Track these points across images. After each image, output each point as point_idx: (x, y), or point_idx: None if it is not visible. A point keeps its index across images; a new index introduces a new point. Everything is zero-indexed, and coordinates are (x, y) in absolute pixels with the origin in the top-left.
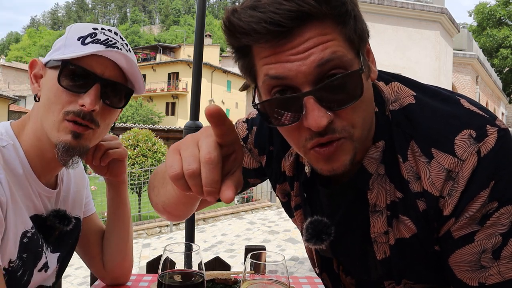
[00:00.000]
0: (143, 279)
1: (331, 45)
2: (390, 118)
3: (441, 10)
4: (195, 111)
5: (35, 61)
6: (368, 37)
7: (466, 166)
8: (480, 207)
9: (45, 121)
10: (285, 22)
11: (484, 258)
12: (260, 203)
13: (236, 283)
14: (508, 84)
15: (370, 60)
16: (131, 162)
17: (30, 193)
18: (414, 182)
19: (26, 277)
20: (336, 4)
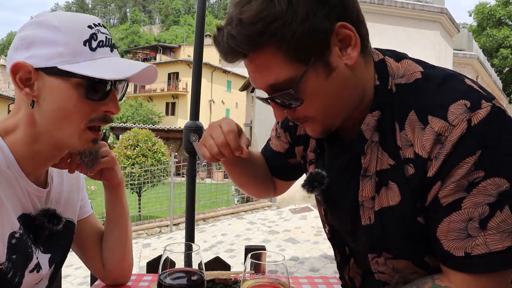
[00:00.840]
0: (143, 279)
1: (272, 72)
2: (393, 90)
3: (441, 10)
4: (195, 111)
5: (20, 64)
6: (329, 38)
7: (455, 131)
8: (466, 173)
9: (59, 130)
10: (229, 57)
11: (471, 226)
12: (260, 203)
13: (236, 283)
14: (508, 84)
15: (343, 50)
16: (131, 162)
17: (17, 192)
18: (406, 149)
19: (17, 278)
20: (254, 42)
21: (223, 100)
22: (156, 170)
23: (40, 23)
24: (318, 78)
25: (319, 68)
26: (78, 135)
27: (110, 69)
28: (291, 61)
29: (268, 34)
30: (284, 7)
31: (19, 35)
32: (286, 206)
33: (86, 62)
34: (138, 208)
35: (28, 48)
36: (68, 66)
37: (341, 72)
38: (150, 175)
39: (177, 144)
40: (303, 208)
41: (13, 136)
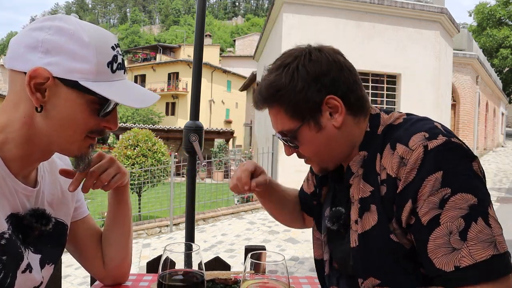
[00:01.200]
0: (143, 279)
1: (279, 122)
2: (380, 133)
3: (441, 10)
4: (195, 111)
5: (41, 70)
6: (320, 106)
7: (413, 154)
8: (432, 191)
9: (60, 136)
10: (256, 106)
11: (453, 239)
12: (260, 203)
13: (237, 283)
14: (508, 84)
15: (332, 115)
16: (131, 162)
17: (4, 192)
18: (382, 173)
19: (9, 279)
20: (267, 101)
21: (223, 100)
22: (156, 170)
23: (66, 31)
24: (310, 132)
25: (311, 125)
26: (77, 142)
27: (130, 95)
28: (291, 117)
29: (275, 97)
30: (287, 82)
31: (36, 35)
32: None
33: (106, 83)
34: (138, 208)
35: (48, 53)
36: (89, 84)
37: (329, 130)
38: (150, 175)
39: (177, 144)
40: None
41: (2, 135)
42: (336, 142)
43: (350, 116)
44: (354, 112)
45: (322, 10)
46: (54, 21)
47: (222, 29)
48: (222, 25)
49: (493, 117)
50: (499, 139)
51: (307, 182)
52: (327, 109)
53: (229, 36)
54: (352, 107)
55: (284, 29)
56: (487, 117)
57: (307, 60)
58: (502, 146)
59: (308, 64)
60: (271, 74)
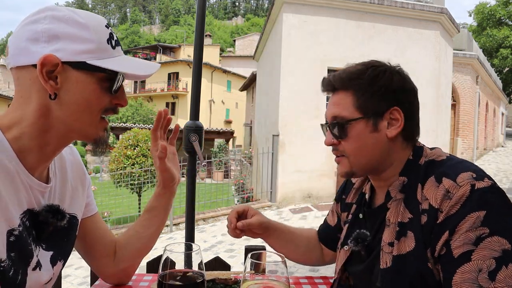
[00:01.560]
0: (143, 279)
1: (341, 108)
2: (423, 164)
3: (441, 10)
4: (195, 111)
5: (50, 57)
6: (385, 111)
7: (460, 190)
8: (471, 227)
9: (77, 120)
10: (324, 87)
11: (481, 278)
12: (260, 203)
13: (237, 283)
14: (508, 84)
15: (391, 122)
16: (131, 162)
17: (19, 188)
18: (424, 203)
19: (19, 276)
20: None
21: (223, 100)
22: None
23: (61, 18)
24: (364, 128)
25: (369, 123)
26: (95, 124)
27: (135, 66)
28: (356, 107)
29: (353, 83)
30: (370, 77)
31: (33, 28)
32: (286, 206)
33: (110, 59)
34: (138, 208)
35: (51, 42)
36: (96, 61)
37: (381, 136)
38: (150, 175)
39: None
40: (303, 208)
41: (17, 129)
42: (380, 150)
43: (402, 137)
44: (406, 134)
45: (322, 10)
46: (46, 11)
47: (222, 29)
48: (222, 25)
49: (493, 117)
50: (499, 139)
51: (331, 214)
52: (389, 118)
53: (229, 36)
54: (407, 130)
55: (284, 29)
56: (487, 117)
57: (396, 72)
58: (502, 146)
59: (395, 74)
60: (358, 66)
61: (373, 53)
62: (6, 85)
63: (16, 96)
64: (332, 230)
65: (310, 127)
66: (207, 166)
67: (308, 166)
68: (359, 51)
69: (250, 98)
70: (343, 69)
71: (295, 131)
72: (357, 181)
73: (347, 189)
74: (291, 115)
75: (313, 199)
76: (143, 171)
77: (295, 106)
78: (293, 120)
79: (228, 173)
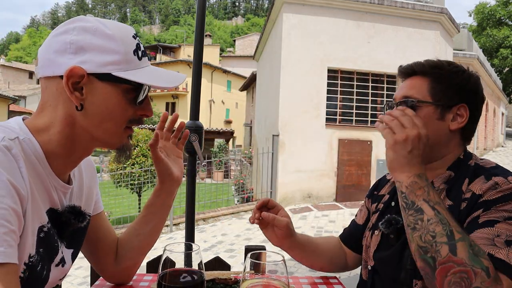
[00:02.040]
0: (143, 279)
1: (415, 90)
2: (472, 164)
3: (441, 10)
4: (195, 111)
5: (76, 69)
6: (454, 105)
7: (510, 185)
8: (507, 209)
9: (102, 131)
10: (404, 70)
11: (498, 240)
12: None
13: (237, 283)
14: (508, 84)
15: (456, 117)
16: (131, 162)
17: (48, 186)
18: (467, 193)
19: (45, 271)
20: (425, 68)
21: (223, 100)
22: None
23: (88, 29)
24: (430, 115)
25: (437, 110)
26: (119, 134)
27: (161, 78)
28: (429, 93)
29: (434, 71)
30: (451, 71)
31: (62, 39)
32: (286, 206)
33: (135, 70)
34: (138, 208)
35: (77, 53)
36: (121, 73)
37: (443, 126)
38: (150, 175)
39: None
40: (303, 208)
41: (46, 135)
42: (439, 139)
43: (460, 134)
44: (465, 133)
45: (322, 10)
46: (75, 22)
47: (222, 29)
48: (222, 25)
49: (493, 117)
50: (499, 139)
51: (360, 212)
52: (455, 113)
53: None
54: (467, 130)
55: (284, 29)
56: (487, 117)
57: (474, 76)
58: (502, 146)
59: (472, 76)
60: (441, 60)
61: (373, 53)
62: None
63: (44, 103)
64: (361, 229)
65: (310, 127)
66: (207, 166)
67: (308, 166)
68: (359, 51)
69: (250, 98)
70: (428, 60)
71: (295, 131)
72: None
73: (381, 185)
74: (291, 115)
75: (313, 199)
76: (143, 171)
77: (295, 106)
78: (293, 120)
79: (228, 173)
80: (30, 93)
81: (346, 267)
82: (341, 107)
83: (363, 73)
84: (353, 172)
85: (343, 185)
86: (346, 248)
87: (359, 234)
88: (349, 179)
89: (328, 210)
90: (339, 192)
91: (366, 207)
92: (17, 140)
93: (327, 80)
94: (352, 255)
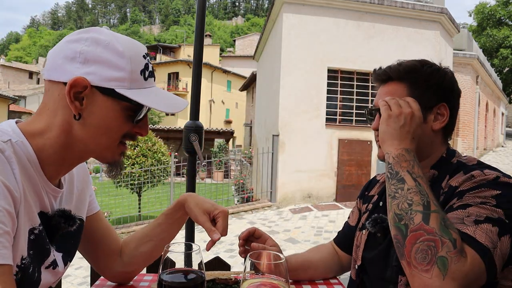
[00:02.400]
0: (143, 279)
1: (391, 96)
2: (454, 162)
3: (441, 10)
4: (195, 111)
5: (81, 79)
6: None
7: (484, 176)
8: (481, 196)
9: (96, 143)
10: (379, 77)
11: (467, 220)
12: (260, 203)
13: (237, 283)
14: (508, 84)
15: (437, 117)
16: (131, 162)
17: (39, 190)
18: (445, 187)
19: (36, 273)
20: (400, 74)
21: (223, 100)
22: (156, 170)
23: (101, 42)
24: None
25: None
26: (112, 148)
27: (162, 101)
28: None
29: (409, 75)
30: (426, 72)
31: (73, 46)
32: (286, 206)
33: (139, 89)
34: (138, 208)
35: (85, 64)
36: (124, 91)
37: (427, 128)
38: (150, 175)
39: (177, 144)
40: (303, 208)
41: (41, 139)
42: (422, 140)
43: (442, 132)
44: (447, 131)
45: (322, 10)
46: (89, 33)
47: (222, 29)
48: (222, 25)
49: (493, 117)
50: (499, 139)
51: (352, 214)
52: (436, 113)
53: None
54: (449, 127)
55: (284, 29)
56: (487, 117)
57: (448, 72)
58: (502, 146)
59: (447, 74)
60: (412, 61)
61: (373, 53)
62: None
63: (44, 106)
64: (354, 231)
65: (310, 127)
66: (207, 166)
67: (308, 166)
68: (359, 51)
69: (250, 98)
70: (398, 62)
71: (295, 131)
72: (383, 177)
73: (371, 186)
74: (291, 115)
75: (313, 199)
76: (143, 171)
77: (295, 106)
78: (293, 120)
79: (228, 173)
80: (30, 93)
81: (343, 270)
82: (341, 107)
83: (363, 73)
84: (353, 172)
85: (343, 185)
86: (341, 251)
87: (352, 236)
88: (349, 179)
89: (328, 210)
90: (339, 192)
91: (358, 208)
92: (9, 143)
93: (327, 80)
94: (348, 258)
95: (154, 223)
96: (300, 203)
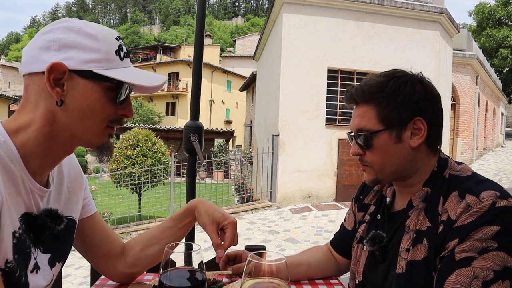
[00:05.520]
0: (143, 279)
1: (364, 120)
2: (446, 177)
3: (441, 10)
4: (195, 111)
5: (58, 64)
6: (408, 122)
7: (481, 205)
8: (481, 238)
9: (81, 128)
10: (348, 100)
11: (475, 284)
12: (260, 203)
13: (215, 283)
14: (508, 84)
15: (413, 135)
16: (131, 162)
17: (20, 191)
18: (444, 215)
19: (23, 278)
20: (366, 96)
21: (223, 100)
22: (156, 170)
23: (72, 28)
24: (388, 140)
25: (392, 134)
26: (98, 132)
27: (141, 77)
28: (379, 120)
29: (375, 96)
30: (392, 89)
31: (46, 37)
32: (286, 206)
33: (117, 69)
34: (138, 208)
35: (61, 50)
36: (103, 71)
37: (405, 147)
38: (150, 175)
39: (177, 144)
40: (303, 208)
41: (24, 134)
42: (404, 160)
43: (425, 145)
44: (430, 142)
45: (322, 10)
46: (60, 23)
47: (222, 29)
48: (222, 25)
49: (493, 117)
50: (498, 139)
51: (348, 217)
52: (412, 128)
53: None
54: (431, 137)
55: (284, 29)
56: (487, 117)
57: (417, 81)
58: (502, 146)
59: (417, 83)
60: (379, 78)
61: (373, 53)
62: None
63: (25, 102)
64: (350, 235)
65: (310, 127)
66: (207, 166)
67: (308, 166)
68: (359, 51)
69: (250, 98)
70: (365, 80)
71: (295, 131)
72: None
73: (366, 191)
74: (291, 115)
75: (313, 199)
76: (143, 171)
77: (295, 106)
78: (293, 120)
79: (228, 173)
80: None
81: (340, 272)
82: (341, 107)
83: (363, 73)
84: (353, 172)
85: (343, 185)
86: (337, 254)
87: (349, 240)
88: (349, 179)
89: (328, 210)
90: (339, 192)
91: (353, 212)
92: None
93: (327, 80)
94: (345, 261)
95: (163, 226)
96: (300, 203)
